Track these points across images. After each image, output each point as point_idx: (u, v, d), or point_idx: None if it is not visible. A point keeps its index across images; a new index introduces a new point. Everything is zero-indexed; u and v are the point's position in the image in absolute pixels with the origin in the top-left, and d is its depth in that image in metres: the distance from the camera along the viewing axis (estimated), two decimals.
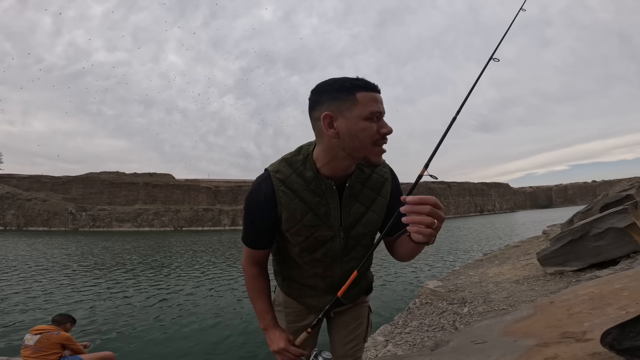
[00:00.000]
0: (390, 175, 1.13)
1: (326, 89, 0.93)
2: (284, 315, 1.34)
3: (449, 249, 17.64)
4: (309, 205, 1.01)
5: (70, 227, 51.55)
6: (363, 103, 0.89)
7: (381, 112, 0.91)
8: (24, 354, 3.23)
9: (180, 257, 18.26)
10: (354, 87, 0.89)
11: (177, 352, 5.44)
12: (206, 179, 71.12)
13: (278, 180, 1.00)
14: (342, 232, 1.06)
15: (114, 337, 6.06)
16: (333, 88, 0.91)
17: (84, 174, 61.49)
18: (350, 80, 0.91)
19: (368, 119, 0.89)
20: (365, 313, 1.40)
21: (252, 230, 1.08)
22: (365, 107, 0.89)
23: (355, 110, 0.89)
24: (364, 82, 0.90)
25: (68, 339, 3.39)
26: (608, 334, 1.21)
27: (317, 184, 1.00)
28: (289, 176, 1.00)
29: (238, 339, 5.90)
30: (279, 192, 0.99)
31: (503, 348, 1.95)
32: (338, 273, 1.15)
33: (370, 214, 1.09)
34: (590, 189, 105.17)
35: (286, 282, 1.30)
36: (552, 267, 4.75)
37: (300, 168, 1.00)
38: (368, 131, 0.90)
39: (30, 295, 9.24)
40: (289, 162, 1.02)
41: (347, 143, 0.91)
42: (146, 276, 12.37)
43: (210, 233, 44.25)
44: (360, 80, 0.91)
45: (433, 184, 79.25)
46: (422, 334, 3.64)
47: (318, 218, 1.02)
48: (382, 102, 0.92)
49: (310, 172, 0.99)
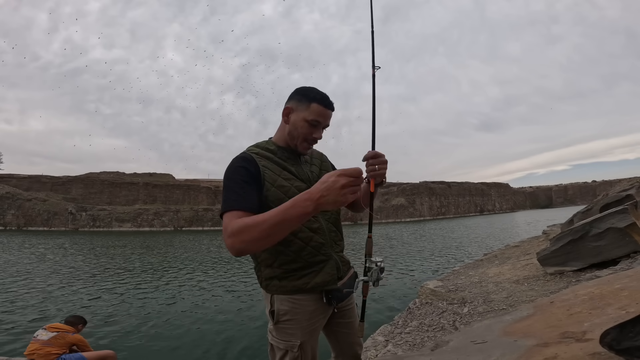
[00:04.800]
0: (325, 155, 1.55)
1: (298, 91, 1.28)
2: (296, 322, 1.26)
3: (449, 249, 17.64)
4: (281, 166, 1.29)
5: (70, 227, 51.54)
6: (312, 111, 1.24)
7: (320, 122, 1.26)
8: (31, 347, 3.28)
9: (180, 257, 18.27)
10: (313, 98, 1.25)
11: (177, 351, 5.45)
12: (206, 179, 71.10)
13: (253, 153, 1.27)
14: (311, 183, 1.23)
15: (114, 336, 6.06)
16: (301, 93, 1.27)
17: (84, 174, 61.52)
18: (314, 93, 1.26)
19: (308, 123, 1.25)
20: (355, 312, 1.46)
21: (241, 192, 1.12)
22: (311, 114, 1.24)
23: (304, 113, 1.25)
24: (322, 98, 1.25)
25: (81, 341, 3.48)
26: (607, 334, 1.21)
27: (281, 152, 1.31)
28: (260, 150, 1.30)
29: (238, 340, 5.90)
30: (258, 158, 1.25)
31: (503, 348, 1.95)
32: (323, 223, 1.34)
33: (323, 172, 1.37)
34: (590, 189, 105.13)
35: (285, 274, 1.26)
36: (552, 267, 4.75)
37: (266, 145, 1.32)
38: (304, 130, 1.26)
39: (30, 296, 9.24)
40: (256, 144, 1.34)
41: (290, 130, 1.29)
42: (146, 276, 12.37)
43: (210, 233, 44.25)
44: (321, 95, 1.26)
45: (433, 184, 79.25)
46: (422, 334, 3.64)
47: (291, 174, 1.29)
48: (328, 117, 1.28)
49: (273, 146, 1.32)
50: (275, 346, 1.29)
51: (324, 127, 1.30)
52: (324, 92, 1.29)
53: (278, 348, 1.28)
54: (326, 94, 1.29)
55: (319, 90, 1.28)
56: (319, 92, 1.27)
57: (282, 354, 1.27)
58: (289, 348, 1.25)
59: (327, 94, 1.31)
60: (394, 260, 13.71)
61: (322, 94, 1.27)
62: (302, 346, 1.25)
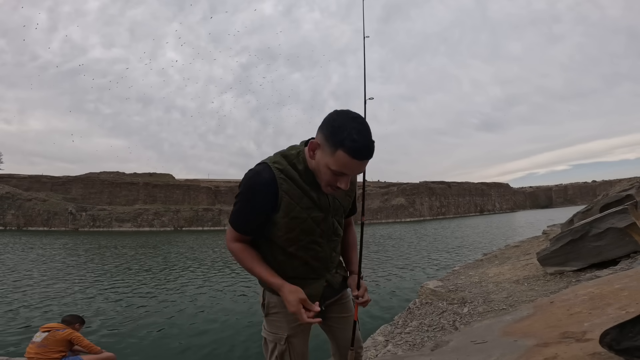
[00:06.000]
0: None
1: (329, 124, 1.03)
2: (283, 315, 1.30)
3: (449, 249, 17.64)
4: (304, 191, 1.15)
5: (70, 227, 51.53)
6: (336, 159, 1.02)
7: (345, 174, 1.06)
8: (29, 350, 3.27)
9: (181, 257, 18.26)
10: (341, 143, 0.99)
11: (177, 352, 5.45)
12: (206, 179, 71.11)
13: (277, 169, 1.13)
14: (331, 213, 1.24)
15: (114, 337, 6.06)
16: (330, 129, 1.02)
17: (84, 174, 61.49)
18: (345, 134, 0.98)
19: (332, 171, 1.05)
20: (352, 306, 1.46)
21: (251, 218, 1.17)
22: (336, 163, 1.03)
23: (329, 158, 1.04)
24: (352, 146, 0.98)
25: (71, 335, 3.43)
26: (607, 334, 1.21)
27: (308, 175, 1.15)
28: (286, 167, 1.14)
29: (238, 340, 5.90)
30: (280, 180, 1.12)
31: (503, 348, 1.95)
32: (328, 252, 1.30)
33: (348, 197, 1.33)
34: (590, 189, 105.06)
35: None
36: (552, 267, 4.75)
37: (294, 161, 1.15)
38: (327, 176, 1.08)
39: (30, 296, 9.24)
40: (284, 155, 1.17)
41: (314, 167, 1.12)
42: (146, 276, 12.38)
43: (210, 233, 44.24)
44: (352, 140, 0.98)
45: (433, 184, 79.22)
46: (422, 334, 3.64)
47: (312, 201, 1.17)
48: (358, 168, 1.05)
49: (301, 165, 1.15)
50: (267, 339, 1.36)
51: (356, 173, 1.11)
52: (363, 132, 0.99)
53: (269, 341, 1.35)
54: (363, 137, 0.99)
55: (355, 127, 0.99)
56: (351, 135, 0.98)
57: (272, 347, 1.33)
58: (277, 341, 1.32)
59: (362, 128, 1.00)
60: (394, 260, 13.70)
61: (356, 137, 0.98)
62: (289, 340, 1.31)
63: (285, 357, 1.31)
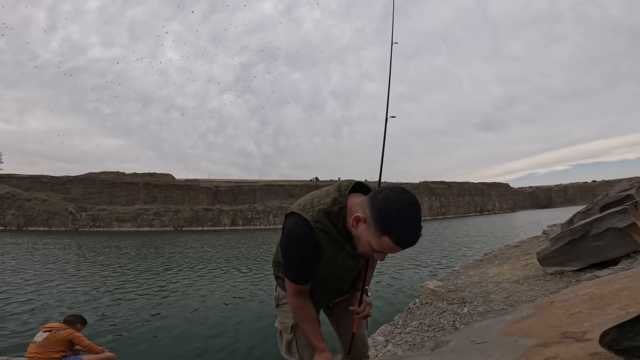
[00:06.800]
0: None
1: (378, 209, 1.03)
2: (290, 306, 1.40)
3: (449, 249, 17.65)
4: (341, 245, 1.23)
5: (70, 227, 51.55)
6: (381, 243, 1.04)
7: (386, 254, 1.11)
8: (30, 350, 3.27)
9: (182, 258, 18.26)
10: (389, 231, 1.01)
11: (177, 352, 5.45)
12: (206, 179, 71.16)
13: (319, 230, 1.18)
14: (363, 258, 1.36)
15: (114, 338, 6.06)
16: (380, 214, 1.03)
17: (84, 174, 61.55)
18: (394, 225, 1.01)
19: (373, 248, 1.08)
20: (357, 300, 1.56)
21: (307, 273, 1.26)
22: (379, 245, 1.05)
23: (372, 238, 1.06)
24: (398, 237, 1.01)
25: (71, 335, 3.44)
26: (607, 334, 1.21)
27: (345, 232, 1.20)
28: (327, 226, 1.19)
29: (239, 341, 5.90)
30: (321, 239, 1.20)
31: (503, 348, 1.95)
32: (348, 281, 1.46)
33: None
34: (590, 189, 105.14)
35: None
36: (552, 267, 4.75)
37: (335, 219, 1.19)
38: (368, 250, 1.11)
39: (29, 296, 9.24)
40: (327, 213, 1.19)
41: (354, 233, 1.14)
42: (147, 276, 12.37)
43: (210, 233, 44.24)
44: (398, 231, 1.01)
45: (433, 184, 79.26)
46: (422, 334, 3.64)
47: (347, 253, 1.26)
48: (397, 251, 1.07)
49: (340, 224, 1.19)
50: (279, 330, 1.48)
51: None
52: (414, 224, 1.02)
53: (280, 331, 1.47)
54: (414, 229, 1.01)
55: (407, 217, 1.01)
56: (402, 227, 1.01)
57: (282, 336, 1.46)
58: (284, 330, 1.45)
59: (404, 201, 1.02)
60: (394, 260, 13.70)
61: (406, 230, 1.01)
62: (295, 329, 1.40)
63: (292, 345, 1.42)
